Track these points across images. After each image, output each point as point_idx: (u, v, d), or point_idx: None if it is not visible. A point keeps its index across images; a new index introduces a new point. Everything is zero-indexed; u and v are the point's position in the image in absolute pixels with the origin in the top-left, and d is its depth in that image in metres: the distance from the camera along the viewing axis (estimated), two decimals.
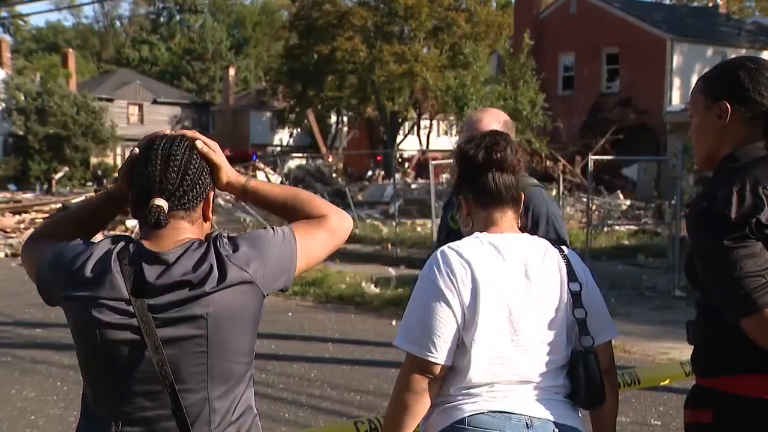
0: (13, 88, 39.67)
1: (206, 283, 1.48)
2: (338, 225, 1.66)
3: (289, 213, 1.66)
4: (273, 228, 1.61)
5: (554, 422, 1.82)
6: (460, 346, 1.80)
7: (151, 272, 1.50)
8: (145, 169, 1.55)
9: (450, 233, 2.70)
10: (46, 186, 34.03)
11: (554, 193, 15.72)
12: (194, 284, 1.48)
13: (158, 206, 1.52)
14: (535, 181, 2.70)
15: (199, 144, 1.59)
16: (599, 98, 26.80)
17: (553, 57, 27.09)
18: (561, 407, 1.86)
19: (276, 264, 1.57)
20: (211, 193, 1.61)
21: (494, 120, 2.69)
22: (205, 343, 1.49)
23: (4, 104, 40.61)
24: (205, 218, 1.61)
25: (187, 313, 1.48)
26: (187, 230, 1.56)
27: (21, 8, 53.06)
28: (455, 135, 14.19)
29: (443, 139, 48.31)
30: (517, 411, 1.79)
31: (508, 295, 1.83)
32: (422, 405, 1.80)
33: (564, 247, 1.98)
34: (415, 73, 32.39)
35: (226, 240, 1.55)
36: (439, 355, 1.78)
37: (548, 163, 19.19)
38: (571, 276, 1.91)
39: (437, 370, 1.79)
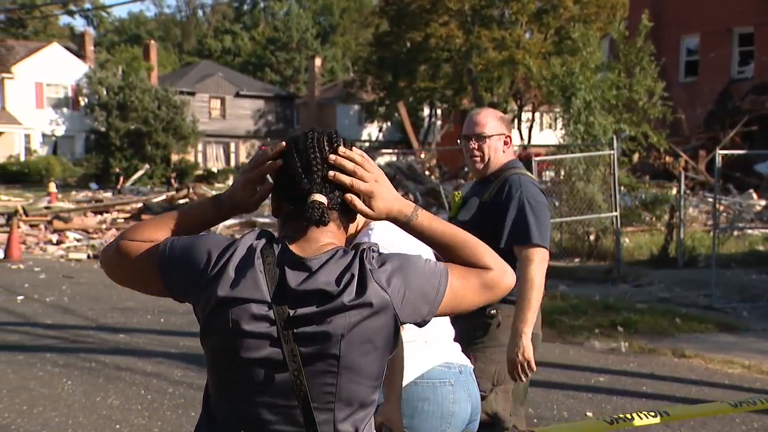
0: (96, 83, 41.63)
1: (344, 294, 1.50)
2: (498, 281, 1.63)
3: (451, 255, 1.64)
4: (427, 258, 1.62)
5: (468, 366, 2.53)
6: None
7: (293, 277, 1.52)
8: (301, 164, 1.56)
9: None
10: (118, 184, 35.00)
11: (674, 192, 15.19)
12: (333, 295, 1.51)
13: (321, 202, 1.54)
14: (526, 173, 3.21)
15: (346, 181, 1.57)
16: (729, 85, 25.70)
17: (675, 39, 26.18)
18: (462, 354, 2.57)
19: (419, 294, 1.56)
20: None
21: (491, 116, 3.25)
22: (336, 364, 1.52)
23: (86, 99, 42.71)
24: (352, 219, 1.64)
25: (323, 330, 1.50)
26: (333, 233, 1.60)
27: None
28: (560, 128, 13.92)
29: (547, 133, 47.50)
30: (453, 360, 2.46)
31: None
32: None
33: None
34: (516, 60, 32.05)
35: (375, 254, 1.56)
36: None
37: (667, 158, 18.53)
38: None
39: None
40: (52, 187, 30.05)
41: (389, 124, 46.29)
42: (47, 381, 6.09)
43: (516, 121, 41.06)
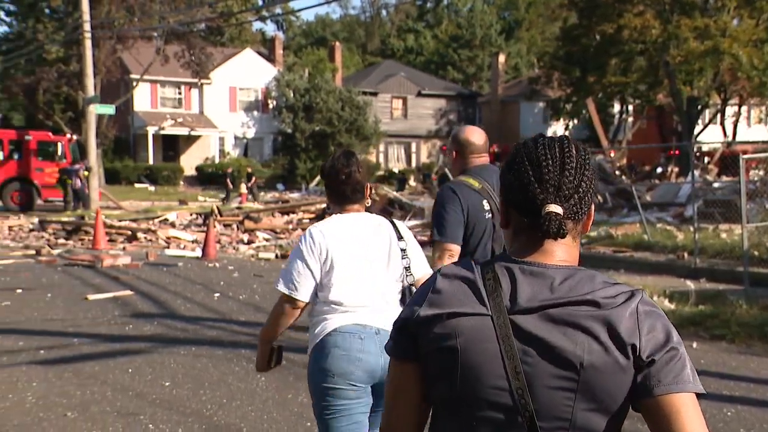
0: (284, 86, 43.95)
1: (588, 321, 1.41)
2: None
3: None
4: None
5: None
6: (324, 285, 3.12)
7: (526, 288, 1.47)
8: (533, 172, 1.50)
9: None
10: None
11: None
12: (581, 314, 1.42)
13: (557, 213, 1.46)
14: (460, 179, 3.77)
15: None
16: None
17: None
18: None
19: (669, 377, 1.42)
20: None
21: (477, 134, 3.83)
22: (574, 387, 1.42)
23: (275, 102, 45.18)
24: (585, 229, 1.56)
25: (559, 347, 1.42)
26: (569, 245, 1.53)
27: (293, 4, 58.61)
28: None
29: (757, 129, 44.35)
30: (370, 323, 3.09)
31: (353, 250, 3.13)
32: (288, 321, 3.19)
33: (393, 219, 3.31)
34: (721, 50, 30.14)
35: (644, 295, 1.47)
36: (301, 295, 3.12)
37: None
38: (399, 237, 3.21)
39: (300, 304, 3.15)
40: (243, 188, 32.08)
41: (576, 121, 45.15)
42: (243, 376, 6.56)
43: (719, 116, 38.70)
